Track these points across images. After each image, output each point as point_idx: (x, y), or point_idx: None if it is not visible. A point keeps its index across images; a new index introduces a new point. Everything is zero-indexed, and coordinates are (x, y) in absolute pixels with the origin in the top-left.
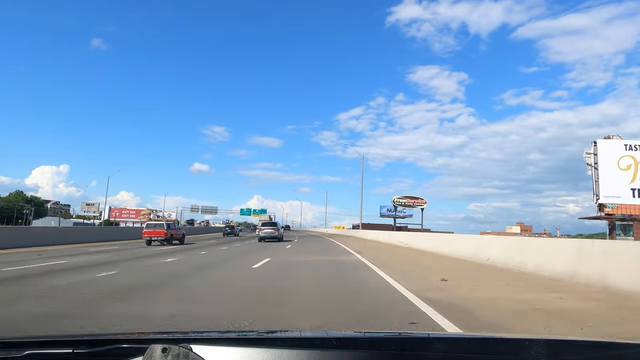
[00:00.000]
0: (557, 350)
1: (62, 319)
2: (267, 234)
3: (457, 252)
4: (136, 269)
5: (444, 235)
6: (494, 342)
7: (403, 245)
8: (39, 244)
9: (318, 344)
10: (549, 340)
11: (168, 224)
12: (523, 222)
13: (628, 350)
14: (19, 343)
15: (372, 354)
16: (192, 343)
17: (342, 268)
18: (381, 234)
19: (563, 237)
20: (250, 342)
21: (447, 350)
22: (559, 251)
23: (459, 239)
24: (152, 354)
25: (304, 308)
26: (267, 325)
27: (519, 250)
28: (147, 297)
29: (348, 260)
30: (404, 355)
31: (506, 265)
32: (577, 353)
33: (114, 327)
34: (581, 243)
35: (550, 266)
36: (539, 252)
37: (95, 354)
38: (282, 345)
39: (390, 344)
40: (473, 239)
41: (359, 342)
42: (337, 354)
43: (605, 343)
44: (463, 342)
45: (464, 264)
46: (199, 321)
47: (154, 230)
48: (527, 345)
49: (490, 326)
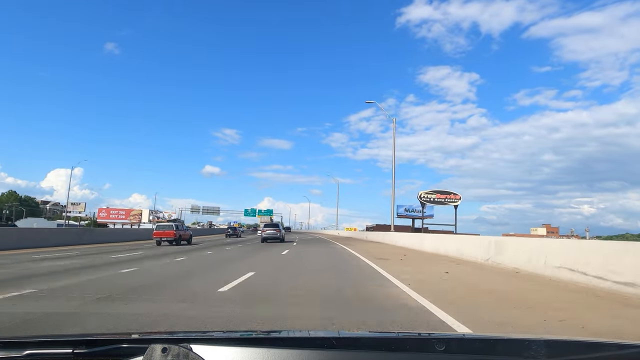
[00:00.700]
0: (557, 350)
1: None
2: (269, 234)
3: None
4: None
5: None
6: (494, 342)
7: (468, 258)
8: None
9: (318, 344)
10: (549, 340)
11: (177, 226)
12: (549, 224)
13: (628, 350)
14: (19, 343)
15: (372, 354)
16: (192, 343)
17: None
18: (408, 237)
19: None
20: (250, 342)
21: (448, 350)
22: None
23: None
24: (152, 354)
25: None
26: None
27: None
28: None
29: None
30: (404, 356)
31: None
32: (577, 353)
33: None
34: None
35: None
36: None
37: (95, 354)
38: (282, 345)
39: (390, 344)
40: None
41: (359, 342)
42: (337, 354)
43: (605, 343)
44: (463, 342)
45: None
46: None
47: (164, 231)
48: (527, 345)
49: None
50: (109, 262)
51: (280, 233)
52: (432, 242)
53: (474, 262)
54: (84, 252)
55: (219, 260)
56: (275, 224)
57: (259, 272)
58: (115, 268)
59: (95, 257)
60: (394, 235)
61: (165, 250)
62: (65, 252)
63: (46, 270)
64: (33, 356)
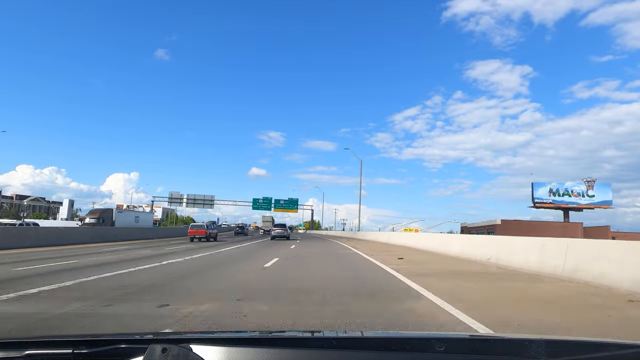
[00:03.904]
0: (557, 350)
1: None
2: (277, 233)
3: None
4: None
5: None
6: (494, 342)
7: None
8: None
9: (318, 344)
10: (549, 340)
11: (207, 225)
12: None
13: (628, 350)
14: (19, 343)
15: (372, 354)
16: (192, 343)
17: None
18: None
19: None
20: (250, 342)
21: (447, 350)
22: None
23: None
24: (152, 354)
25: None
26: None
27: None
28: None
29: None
30: (404, 355)
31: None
32: (577, 353)
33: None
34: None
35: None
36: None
37: (95, 354)
38: (282, 345)
39: (390, 344)
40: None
41: (359, 342)
42: (337, 354)
43: (606, 343)
44: (463, 342)
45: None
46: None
47: (197, 230)
48: (527, 345)
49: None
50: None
51: (286, 232)
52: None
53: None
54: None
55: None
56: (283, 224)
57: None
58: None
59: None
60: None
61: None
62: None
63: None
64: (33, 356)
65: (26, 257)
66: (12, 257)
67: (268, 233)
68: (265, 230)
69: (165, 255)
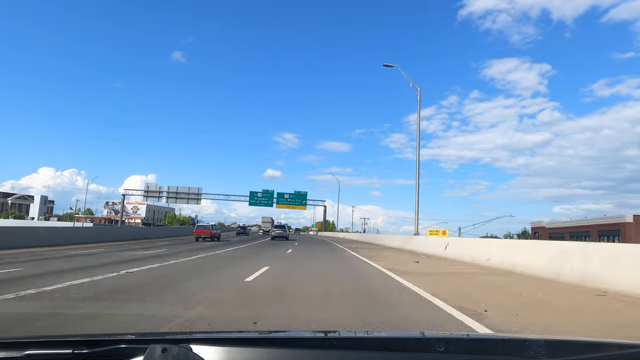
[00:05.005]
0: (557, 350)
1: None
2: (277, 234)
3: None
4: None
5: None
6: (494, 342)
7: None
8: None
9: (318, 344)
10: (549, 340)
11: (212, 226)
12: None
13: (628, 350)
14: (19, 343)
15: (372, 354)
16: (192, 343)
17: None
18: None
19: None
20: (250, 342)
21: (447, 350)
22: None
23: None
24: (152, 354)
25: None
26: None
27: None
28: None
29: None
30: (404, 356)
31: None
32: (577, 353)
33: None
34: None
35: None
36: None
37: (95, 354)
38: (282, 345)
39: (390, 344)
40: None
41: (359, 342)
42: (337, 354)
43: (605, 343)
44: (463, 342)
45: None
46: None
47: (202, 230)
48: (527, 345)
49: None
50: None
51: (286, 232)
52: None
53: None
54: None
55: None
56: (282, 225)
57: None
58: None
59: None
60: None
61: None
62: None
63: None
64: (33, 356)
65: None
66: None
67: (268, 233)
68: (264, 230)
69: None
